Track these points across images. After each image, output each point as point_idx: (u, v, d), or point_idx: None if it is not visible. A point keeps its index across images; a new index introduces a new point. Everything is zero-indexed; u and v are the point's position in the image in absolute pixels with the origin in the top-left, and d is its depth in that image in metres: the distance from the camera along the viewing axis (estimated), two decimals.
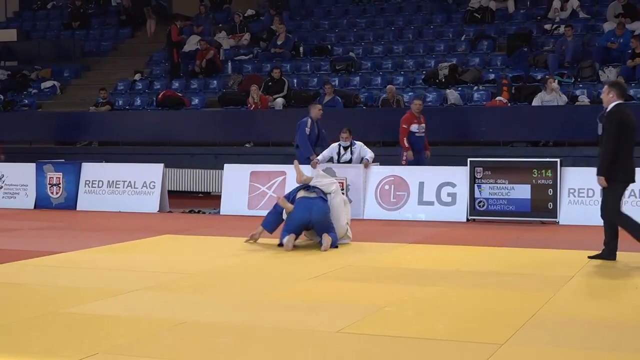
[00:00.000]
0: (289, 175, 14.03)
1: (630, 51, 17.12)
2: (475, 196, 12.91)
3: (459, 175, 13.17)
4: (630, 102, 15.99)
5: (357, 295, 7.29)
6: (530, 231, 10.18)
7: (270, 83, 18.67)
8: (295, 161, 11.44)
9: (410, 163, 14.24)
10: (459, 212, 13.04)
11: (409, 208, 13.23)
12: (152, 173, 14.95)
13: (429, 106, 17.59)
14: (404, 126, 14.47)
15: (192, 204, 15.63)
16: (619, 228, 9.05)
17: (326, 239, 9.87)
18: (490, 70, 18.50)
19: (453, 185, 13.17)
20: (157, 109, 19.62)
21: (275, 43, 20.81)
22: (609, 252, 9.07)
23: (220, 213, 14.31)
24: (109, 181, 15.16)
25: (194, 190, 17.40)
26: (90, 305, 6.82)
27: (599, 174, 8.94)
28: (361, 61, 19.83)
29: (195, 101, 19.71)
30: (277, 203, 10.38)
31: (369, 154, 13.78)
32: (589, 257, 9.14)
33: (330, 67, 19.78)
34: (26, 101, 21.52)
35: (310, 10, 23.32)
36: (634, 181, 9.25)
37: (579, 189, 12.61)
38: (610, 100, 8.89)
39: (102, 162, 16.06)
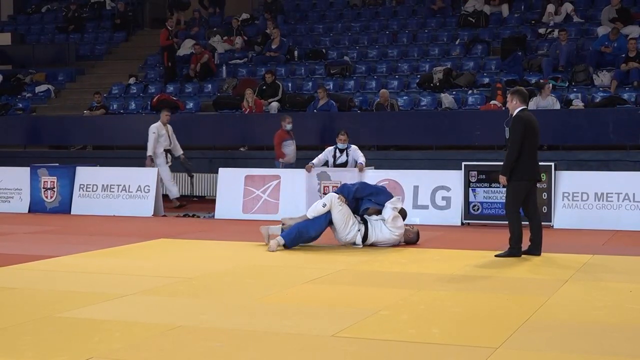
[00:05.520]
0: (284, 179, 14.05)
1: (624, 55, 17.17)
2: (470, 200, 12.92)
3: (453, 179, 13.18)
4: (625, 105, 16.07)
5: (352, 299, 7.29)
6: (525, 235, 10.19)
7: (264, 87, 18.68)
8: (283, 219, 11.34)
9: None
10: (454, 216, 13.04)
11: None
12: (146, 177, 14.94)
13: (423, 110, 17.64)
14: None
15: (186, 208, 15.62)
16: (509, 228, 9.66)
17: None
18: (485, 74, 18.53)
19: (447, 189, 13.18)
20: (151, 112, 19.59)
21: (269, 47, 20.82)
22: (535, 247, 9.62)
23: (215, 217, 14.31)
24: (103, 185, 15.13)
25: (189, 194, 17.38)
26: (85, 309, 6.81)
27: (501, 173, 9.60)
28: (356, 65, 19.86)
29: (190, 105, 19.70)
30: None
31: (361, 158, 13.79)
32: (520, 253, 9.58)
33: (325, 71, 19.80)
34: (20, 105, 21.47)
35: (305, 14, 23.35)
36: (539, 179, 9.92)
37: (573, 193, 12.63)
38: (515, 107, 9.59)
39: (96, 166, 16.04)
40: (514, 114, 9.58)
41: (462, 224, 12.96)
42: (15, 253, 10.08)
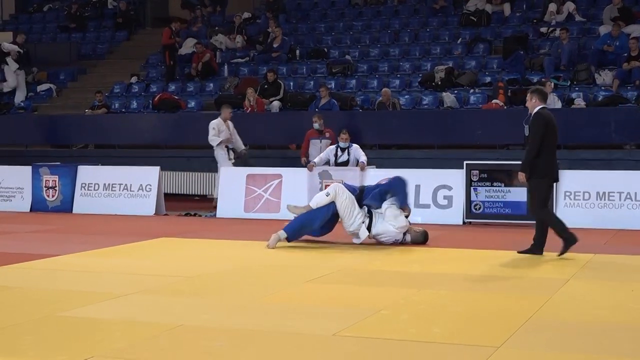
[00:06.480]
0: (285, 178, 14.05)
1: (626, 54, 17.14)
2: (472, 199, 12.91)
3: (455, 178, 13.18)
4: (626, 105, 16.05)
5: (353, 299, 7.28)
6: (526, 234, 10.21)
7: (266, 86, 18.67)
8: (288, 205, 11.33)
9: None
10: (455, 215, 13.03)
11: None
12: (148, 176, 14.94)
13: (425, 109, 17.63)
14: None
15: (188, 207, 15.62)
16: (548, 225, 9.62)
17: None
18: (487, 73, 18.51)
19: (449, 188, 13.17)
20: (153, 111, 19.61)
21: (271, 46, 20.81)
22: (536, 247, 9.60)
23: (217, 216, 14.31)
24: (105, 184, 15.14)
25: (190, 193, 17.39)
26: (86, 308, 6.81)
27: (520, 170, 9.65)
28: (357, 64, 19.84)
29: (192, 104, 19.70)
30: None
31: (362, 157, 13.81)
32: (518, 252, 9.66)
33: (327, 70, 19.78)
34: (22, 104, 21.48)
35: (307, 13, 23.33)
36: (557, 180, 9.86)
37: (575, 192, 12.62)
38: (534, 105, 9.64)
39: (98, 165, 16.05)
40: (534, 112, 9.58)
41: (464, 223, 12.96)
42: (17, 252, 10.08)
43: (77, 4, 25.65)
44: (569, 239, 9.42)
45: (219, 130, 15.42)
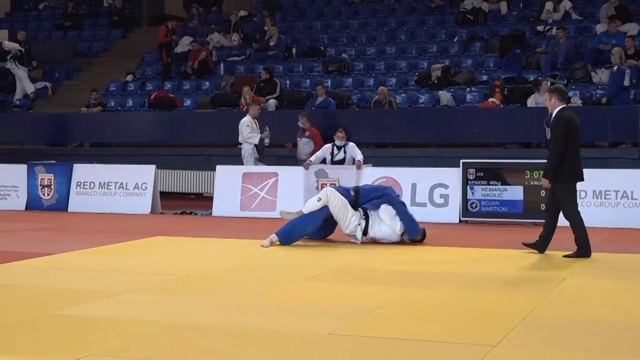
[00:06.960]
0: (281, 177, 14.03)
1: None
2: (468, 197, 12.91)
3: (451, 176, 13.17)
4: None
5: (350, 297, 7.27)
6: (523, 232, 10.23)
7: (262, 84, 18.66)
8: (281, 211, 11.30)
9: None
10: (452, 213, 13.03)
11: None
12: (144, 174, 14.92)
13: (422, 107, 17.62)
14: None
15: (184, 206, 15.60)
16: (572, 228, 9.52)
17: None
18: (483, 71, 18.51)
19: (446, 186, 13.17)
20: (149, 110, 19.59)
21: (267, 44, 20.79)
22: (540, 245, 9.58)
23: (213, 214, 14.29)
24: (100, 182, 15.12)
25: (186, 191, 17.37)
26: (83, 307, 6.79)
27: (543, 176, 9.49)
28: (354, 62, 19.84)
29: (188, 102, 19.67)
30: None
31: (358, 155, 13.80)
32: (523, 244, 9.72)
33: (323, 68, 19.78)
34: (17, 102, 21.44)
35: (303, 11, 23.32)
36: (582, 180, 9.63)
37: None
38: (554, 106, 9.37)
39: (93, 163, 16.02)
40: (554, 113, 9.34)
41: (460, 221, 12.95)
42: (12, 250, 10.05)
43: (73, 2, 25.62)
44: (583, 248, 9.34)
45: (252, 128, 15.41)
